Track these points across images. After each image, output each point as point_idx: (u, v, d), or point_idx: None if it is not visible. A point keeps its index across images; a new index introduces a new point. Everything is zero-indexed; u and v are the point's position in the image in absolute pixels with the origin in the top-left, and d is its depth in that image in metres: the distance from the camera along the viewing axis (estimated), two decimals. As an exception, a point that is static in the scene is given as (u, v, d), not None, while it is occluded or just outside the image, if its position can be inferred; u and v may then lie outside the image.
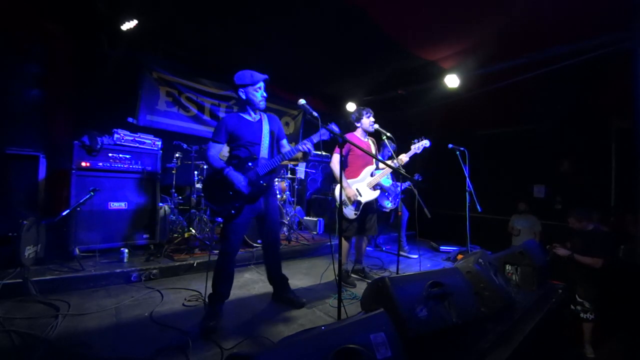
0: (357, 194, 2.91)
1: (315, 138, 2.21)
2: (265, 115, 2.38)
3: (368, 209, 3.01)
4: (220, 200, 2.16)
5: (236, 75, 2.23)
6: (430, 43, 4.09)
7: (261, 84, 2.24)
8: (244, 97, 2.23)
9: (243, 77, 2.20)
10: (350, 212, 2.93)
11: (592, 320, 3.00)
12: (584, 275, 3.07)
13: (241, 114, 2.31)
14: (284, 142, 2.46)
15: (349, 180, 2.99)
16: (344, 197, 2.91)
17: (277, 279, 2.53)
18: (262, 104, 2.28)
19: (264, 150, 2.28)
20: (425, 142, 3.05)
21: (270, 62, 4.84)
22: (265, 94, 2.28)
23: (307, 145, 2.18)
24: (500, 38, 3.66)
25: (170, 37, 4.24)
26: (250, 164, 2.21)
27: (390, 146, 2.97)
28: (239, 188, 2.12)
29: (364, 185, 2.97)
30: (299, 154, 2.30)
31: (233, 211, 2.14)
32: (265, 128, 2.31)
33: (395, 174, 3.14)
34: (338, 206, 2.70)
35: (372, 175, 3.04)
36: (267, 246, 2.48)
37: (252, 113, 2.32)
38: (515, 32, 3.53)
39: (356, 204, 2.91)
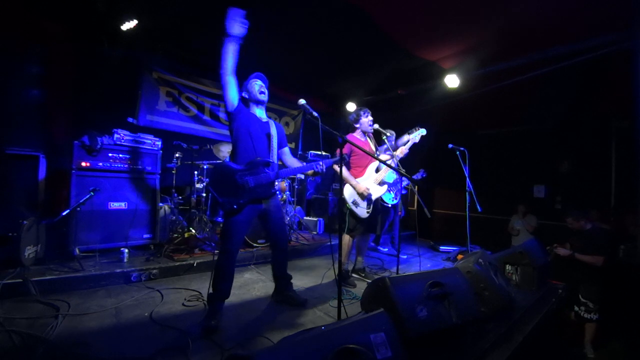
0: (368, 189, 2.92)
1: (328, 162, 2.31)
2: (271, 120, 2.45)
3: (376, 208, 3.02)
4: (226, 193, 2.16)
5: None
6: (430, 43, 4.09)
7: (257, 80, 2.35)
8: (247, 96, 2.35)
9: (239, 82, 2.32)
10: (362, 211, 2.92)
11: (595, 320, 2.99)
12: (587, 274, 3.07)
13: (251, 112, 2.38)
14: (286, 149, 2.52)
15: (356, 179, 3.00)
16: (355, 197, 2.91)
17: (282, 278, 2.54)
18: (263, 97, 2.36)
19: (273, 152, 2.34)
20: (422, 130, 3.04)
21: (270, 62, 4.83)
22: (264, 87, 2.37)
23: (321, 167, 2.28)
24: (500, 38, 3.66)
25: (170, 37, 4.24)
26: (267, 169, 2.25)
27: (388, 142, 2.97)
28: (243, 184, 2.15)
29: (370, 182, 2.97)
30: (310, 172, 2.37)
31: (235, 206, 2.14)
32: (273, 131, 2.39)
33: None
34: (348, 207, 2.71)
35: (376, 171, 3.04)
36: (275, 246, 2.49)
37: (258, 111, 2.39)
38: (515, 32, 3.52)
39: (367, 201, 2.91)
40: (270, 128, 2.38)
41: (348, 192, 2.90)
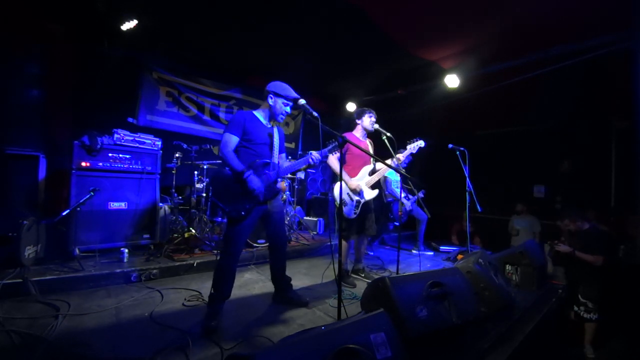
0: (360, 186, 2.91)
1: (323, 152, 2.27)
2: (275, 127, 2.44)
3: (366, 209, 3.02)
4: (231, 201, 2.14)
5: (273, 82, 2.30)
6: (430, 43, 4.09)
7: (289, 105, 2.31)
8: (271, 103, 2.30)
9: (279, 87, 2.27)
10: (350, 211, 2.93)
11: (595, 320, 2.99)
12: (587, 274, 3.06)
13: (255, 115, 2.34)
14: (283, 155, 2.51)
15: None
16: (344, 196, 2.91)
17: (281, 280, 2.53)
18: (281, 118, 2.34)
19: (275, 156, 2.33)
20: (420, 143, 3.05)
21: (270, 62, 4.85)
22: (289, 112, 2.33)
23: (315, 158, 2.26)
24: (500, 38, 3.66)
25: (170, 37, 4.23)
26: (267, 169, 2.25)
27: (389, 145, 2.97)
28: (257, 195, 2.15)
29: (362, 184, 2.97)
30: (304, 166, 2.36)
31: (243, 212, 2.13)
32: (276, 137, 2.38)
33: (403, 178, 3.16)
34: (337, 205, 2.71)
35: (370, 174, 3.04)
36: (274, 247, 2.48)
37: (265, 119, 2.36)
38: (515, 32, 3.53)
39: (355, 202, 2.91)
40: (274, 134, 2.38)
41: (337, 191, 2.89)
